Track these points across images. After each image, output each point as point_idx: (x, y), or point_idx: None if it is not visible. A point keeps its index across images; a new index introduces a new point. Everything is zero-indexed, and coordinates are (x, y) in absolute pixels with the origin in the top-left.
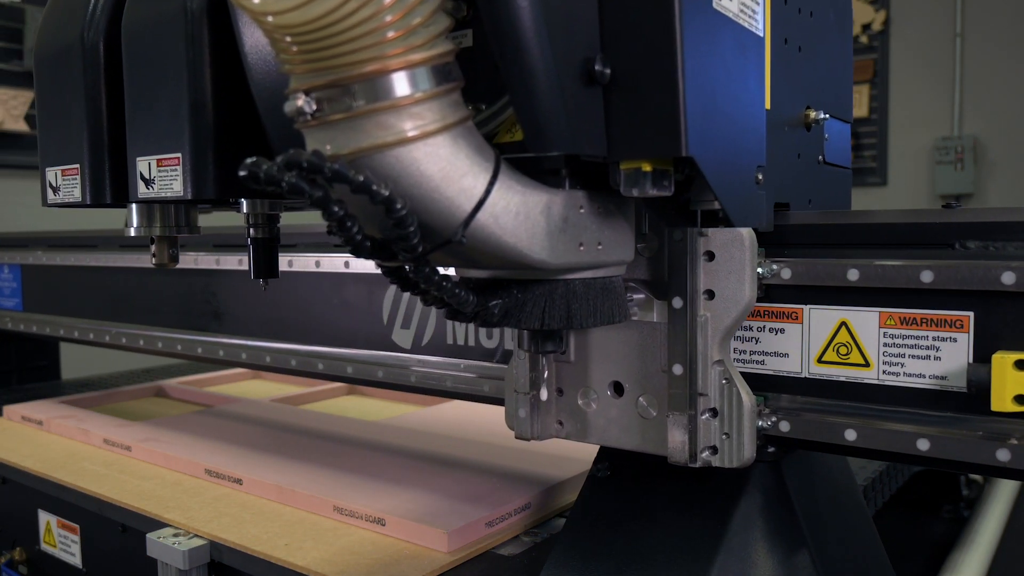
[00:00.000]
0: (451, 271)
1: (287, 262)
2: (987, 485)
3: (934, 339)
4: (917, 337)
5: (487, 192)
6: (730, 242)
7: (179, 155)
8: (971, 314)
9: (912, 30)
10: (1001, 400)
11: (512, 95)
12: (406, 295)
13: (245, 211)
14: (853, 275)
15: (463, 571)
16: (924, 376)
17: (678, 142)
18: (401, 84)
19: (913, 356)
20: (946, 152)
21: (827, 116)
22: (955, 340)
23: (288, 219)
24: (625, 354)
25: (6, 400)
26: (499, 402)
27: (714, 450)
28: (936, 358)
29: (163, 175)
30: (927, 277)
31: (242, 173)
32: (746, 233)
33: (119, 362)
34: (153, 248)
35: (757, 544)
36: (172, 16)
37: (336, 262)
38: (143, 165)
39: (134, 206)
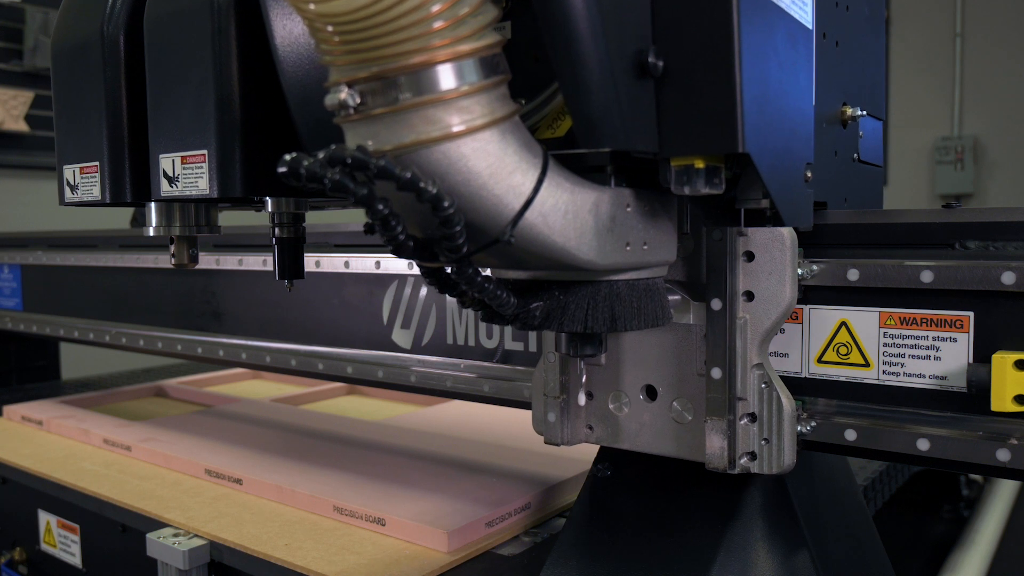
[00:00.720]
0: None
1: None
2: (987, 485)
3: (934, 339)
4: (917, 337)
5: (536, 190)
6: (770, 242)
7: (205, 152)
8: (971, 314)
9: (912, 30)
10: (1001, 400)
11: (564, 88)
12: (406, 295)
13: (270, 210)
14: (853, 275)
15: (463, 571)
16: (924, 376)
17: (734, 138)
18: (449, 76)
19: (913, 356)
20: (946, 152)
21: (864, 113)
22: (955, 340)
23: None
24: (658, 357)
25: (6, 400)
26: (499, 402)
27: (753, 456)
28: (936, 358)
29: (187, 173)
30: (927, 277)
31: (281, 170)
32: (787, 232)
33: (119, 362)
34: (172, 248)
35: (757, 544)
36: (197, 8)
37: (336, 262)
38: (166, 162)
39: (153, 205)
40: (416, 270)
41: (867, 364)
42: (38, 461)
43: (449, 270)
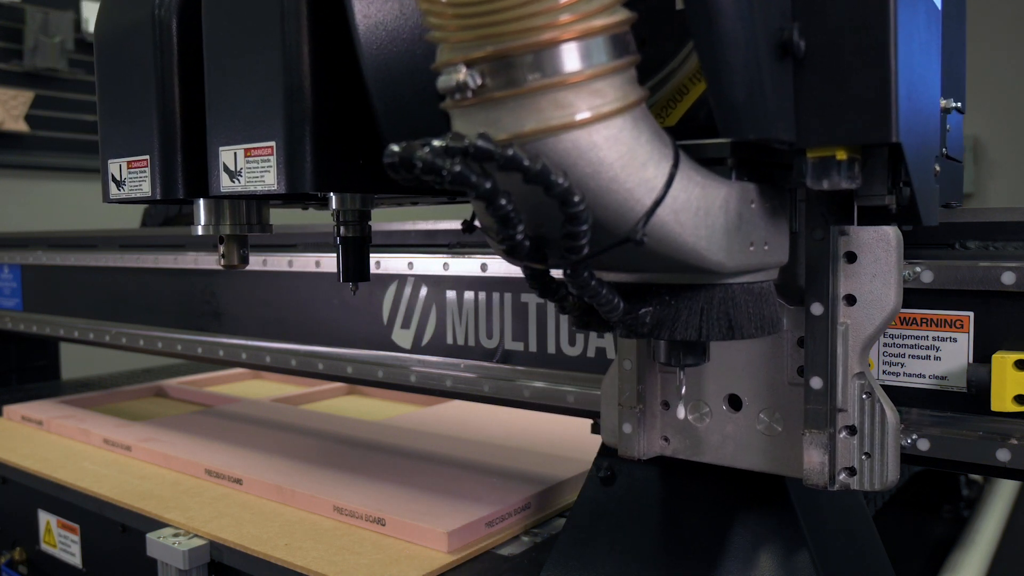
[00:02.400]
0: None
1: (287, 262)
2: (987, 485)
3: (934, 339)
4: (917, 337)
5: (668, 184)
6: (874, 242)
7: (272, 144)
8: (971, 314)
9: None
10: (1001, 400)
11: (706, 70)
12: (406, 295)
13: (334, 207)
14: None
15: (463, 571)
16: (924, 376)
17: (887, 126)
18: (580, 56)
19: (913, 356)
20: None
21: (957, 104)
22: (955, 340)
23: (284, 218)
24: (745, 364)
25: (6, 400)
26: (499, 402)
27: (852, 471)
28: (936, 358)
29: (252, 166)
30: (927, 277)
31: (390, 161)
32: (892, 232)
33: (119, 362)
34: (221, 248)
35: (757, 544)
36: None
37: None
38: (227, 156)
39: (202, 202)
40: (416, 270)
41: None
42: (38, 461)
43: (555, 273)
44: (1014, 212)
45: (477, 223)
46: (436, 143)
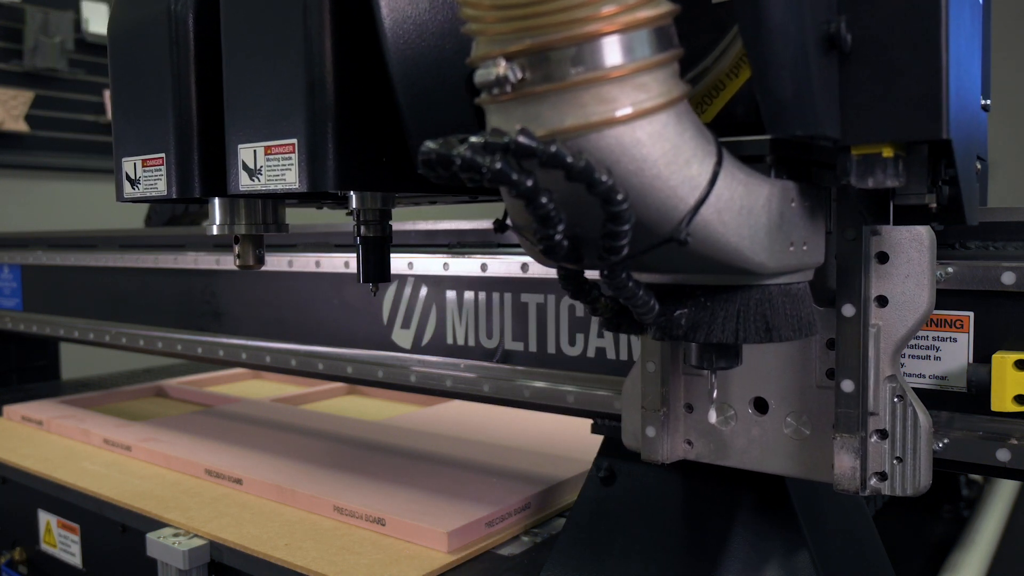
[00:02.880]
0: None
1: (287, 262)
2: (987, 485)
3: (934, 339)
4: (917, 337)
5: (712, 182)
6: (907, 242)
7: (294, 141)
8: (971, 314)
9: None
10: (1001, 400)
11: (754, 64)
12: (406, 295)
13: (354, 206)
14: None
15: (463, 571)
16: (924, 376)
17: (938, 122)
18: (624, 49)
19: (913, 356)
20: None
21: (987, 102)
22: (955, 340)
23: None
24: (772, 367)
25: (6, 400)
26: (499, 402)
27: (883, 476)
28: (936, 358)
29: (272, 165)
30: None
31: (427, 158)
32: (926, 232)
33: (119, 362)
34: (237, 248)
35: (757, 544)
36: None
37: (336, 262)
38: (246, 154)
39: (217, 201)
40: (416, 270)
41: None
42: (38, 461)
43: (589, 273)
44: (1014, 212)
45: (509, 222)
46: (475, 139)
